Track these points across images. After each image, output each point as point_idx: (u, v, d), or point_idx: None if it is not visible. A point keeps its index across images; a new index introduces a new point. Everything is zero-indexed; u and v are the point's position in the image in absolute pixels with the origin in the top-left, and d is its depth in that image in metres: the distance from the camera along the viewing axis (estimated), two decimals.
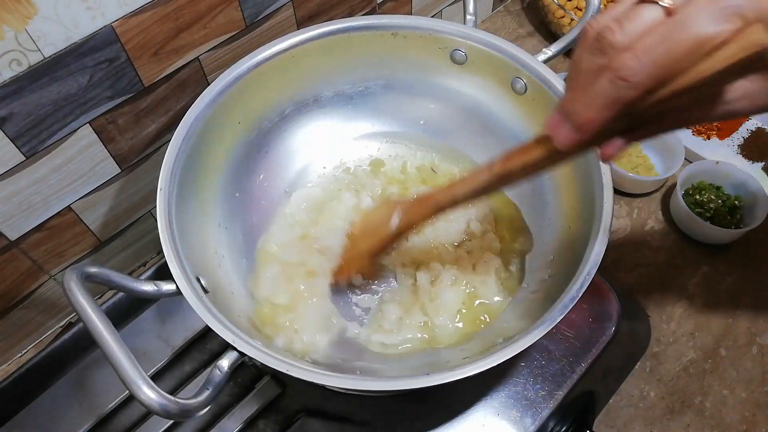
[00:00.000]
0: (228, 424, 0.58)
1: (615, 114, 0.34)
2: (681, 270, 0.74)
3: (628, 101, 0.33)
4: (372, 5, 0.77)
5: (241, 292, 0.58)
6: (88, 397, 0.61)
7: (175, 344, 0.63)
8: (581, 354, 0.61)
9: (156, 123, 0.62)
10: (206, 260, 0.55)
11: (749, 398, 0.65)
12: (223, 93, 0.58)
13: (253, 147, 0.65)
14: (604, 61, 0.33)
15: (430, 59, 0.65)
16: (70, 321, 0.70)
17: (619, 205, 0.80)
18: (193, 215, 0.56)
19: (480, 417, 0.58)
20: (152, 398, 0.39)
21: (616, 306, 0.63)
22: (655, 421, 0.64)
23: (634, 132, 0.37)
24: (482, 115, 0.66)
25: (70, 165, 0.57)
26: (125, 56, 0.54)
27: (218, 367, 0.43)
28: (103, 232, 0.66)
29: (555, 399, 0.58)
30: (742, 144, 0.84)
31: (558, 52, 0.62)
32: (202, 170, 0.58)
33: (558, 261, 0.58)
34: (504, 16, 1.02)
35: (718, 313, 0.71)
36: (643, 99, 0.33)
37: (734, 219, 0.75)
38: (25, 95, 0.50)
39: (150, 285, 0.47)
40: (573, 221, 0.57)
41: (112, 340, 0.40)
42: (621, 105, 0.33)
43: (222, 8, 0.59)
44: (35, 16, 0.47)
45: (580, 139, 0.36)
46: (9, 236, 0.57)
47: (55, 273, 0.64)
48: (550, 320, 0.45)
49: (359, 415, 0.59)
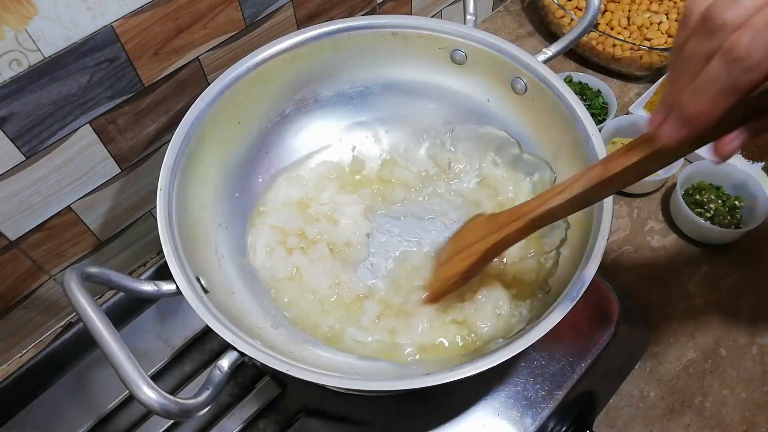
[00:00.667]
0: (228, 424, 0.58)
1: (733, 103, 0.29)
2: (681, 270, 0.74)
3: (748, 86, 0.29)
4: (372, 5, 0.77)
5: (242, 291, 0.58)
6: (88, 397, 0.61)
7: (175, 344, 0.63)
8: (581, 354, 0.61)
9: (156, 123, 0.62)
10: (206, 260, 0.55)
11: (749, 398, 0.65)
12: (223, 93, 0.58)
13: (253, 147, 0.64)
14: (715, 43, 0.29)
15: (430, 59, 0.65)
16: (70, 321, 0.70)
17: (619, 205, 0.80)
18: (193, 215, 0.56)
19: (480, 417, 0.58)
20: (152, 398, 0.39)
21: (616, 306, 0.63)
22: (655, 421, 0.64)
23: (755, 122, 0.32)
24: (482, 115, 0.66)
25: (70, 165, 0.57)
26: (125, 56, 0.54)
27: (218, 367, 0.43)
28: (103, 232, 0.66)
29: (555, 399, 0.58)
30: None
31: (558, 52, 0.62)
32: (202, 170, 0.58)
33: (558, 261, 0.58)
34: (504, 16, 1.02)
35: (718, 313, 0.71)
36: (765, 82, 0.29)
37: (734, 219, 0.75)
38: (25, 95, 0.50)
39: (150, 285, 0.47)
40: (573, 221, 0.57)
41: (112, 340, 0.40)
42: (739, 92, 0.29)
43: (222, 8, 0.59)
44: (35, 16, 0.47)
45: (690, 134, 0.32)
46: (9, 236, 0.57)
47: (55, 273, 0.64)
48: (550, 320, 0.45)
49: (359, 415, 0.59)
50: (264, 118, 0.65)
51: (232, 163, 0.63)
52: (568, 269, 0.52)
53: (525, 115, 0.63)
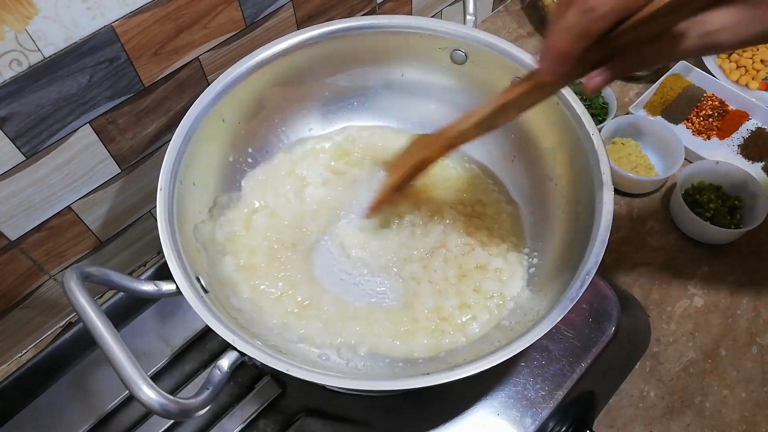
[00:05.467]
0: (228, 424, 0.58)
1: (588, 44, 0.36)
2: (681, 270, 0.74)
3: (597, 31, 0.35)
4: (372, 5, 0.77)
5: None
6: (88, 397, 0.61)
7: (175, 344, 0.63)
8: (581, 354, 0.61)
9: (156, 123, 0.62)
10: (206, 260, 0.55)
11: (749, 398, 0.65)
12: (223, 93, 0.58)
13: (253, 147, 0.65)
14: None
15: (430, 59, 0.65)
16: (70, 321, 0.70)
17: (619, 205, 0.80)
18: (193, 215, 0.56)
19: (480, 417, 0.58)
20: (152, 398, 0.39)
21: (616, 306, 0.63)
22: (655, 421, 0.64)
23: (614, 62, 0.39)
24: None
25: (70, 165, 0.57)
26: (125, 56, 0.54)
27: (218, 367, 0.43)
28: (103, 232, 0.66)
29: (555, 399, 0.58)
30: (742, 144, 0.84)
31: None
32: (202, 170, 0.58)
33: (558, 261, 0.58)
34: (504, 16, 1.02)
35: (718, 313, 0.71)
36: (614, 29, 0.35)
37: (734, 219, 0.75)
38: (26, 95, 0.50)
39: (150, 285, 0.47)
40: (574, 220, 0.57)
41: (112, 340, 0.40)
42: (592, 35, 0.36)
43: (222, 8, 0.59)
44: (36, 16, 0.47)
45: (561, 70, 0.39)
46: (9, 236, 0.57)
47: (55, 273, 0.64)
48: (550, 320, 0.45)
49: (359, 415, 0.59)
50: (264, 119, 0.65)
51: (231, 162, 0.63)
52: (568, 269, 0.52)
53: (525, 115, 0.63)
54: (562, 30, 0.37)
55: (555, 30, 0.38)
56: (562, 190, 0.61)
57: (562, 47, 0.37)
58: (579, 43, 0.37)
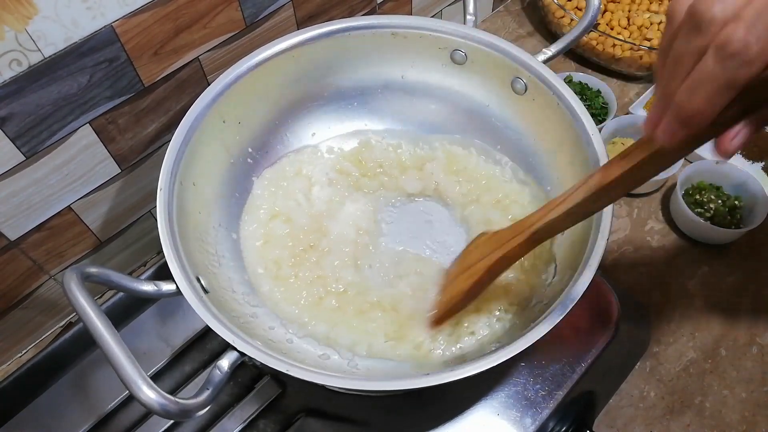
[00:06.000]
0: (228, 424, 0.58)
1: (731, 99, 0.29)
2: (681, 270, 0.74)
3: (746, 80, 0.28)
4: (372, 5, 0.77)
5: (243, 291, 0.58)
6: (88, 397, 0.61)
7: (175, 344, 0.63)
8: (581, 354, 0.61)
9: (156, 123, 0.62)
10: (206, 260, 0.55)
11: (749, 398, 0.65)
12: (223, 93, 0.58)
13: (253, 147, 0.65)
14: (705, 40, 0.28)
15: (430, 59, 0.65)
16: (70, 321, 0.70)
17: (619, 205, 0.80)
18: (193, 215, 0.56)
19: (480, 417, 0.58)
20: (152, 398, 0.39)
21: (616, 306, 0.63)
22: (655, 421, 0.64)
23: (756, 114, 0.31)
24: (482, 115, 0.66)
25: (70, 165, 0.57)
26: (125, 56, 0.54)
27: (218, 367, 0.43)
28: (103, 232, 0.66)
29: (555, 399, 0.58)
30: None
31: (558, 52, 0.62)
32: (202, 170, 0.58)
33: (558, 261, 0.58)
34: (504, 16, 1.02)
35: (718, 313, 0.71)
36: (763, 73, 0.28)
37: (734, 219, 0.75)
38: (25, 95, 0.50)
39: (150, 285, 0.47)
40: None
41: (112, 340, 0.40)
42: (738, 87, 0.28)
43: (222, 8, 0.59)
44: (35, 16, 0.47)
45: (688, 134, 0.31)
46: (9, 236, 0.57)
47: (55, 273, 0.64)
48: (550, 320, 0.45)
49: (359, 415, 0.59)
50: (264, 119, 0.65)
51: (231, 163, 0.63)
52: (568, 269, 0.52)
53: (525, 115, 0.63)
54: (696, 83, 0.29)
55: (678, 84, 0.30)
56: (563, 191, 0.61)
57: (696, 106, 0.29)
58: (721, 99, 0.29)
